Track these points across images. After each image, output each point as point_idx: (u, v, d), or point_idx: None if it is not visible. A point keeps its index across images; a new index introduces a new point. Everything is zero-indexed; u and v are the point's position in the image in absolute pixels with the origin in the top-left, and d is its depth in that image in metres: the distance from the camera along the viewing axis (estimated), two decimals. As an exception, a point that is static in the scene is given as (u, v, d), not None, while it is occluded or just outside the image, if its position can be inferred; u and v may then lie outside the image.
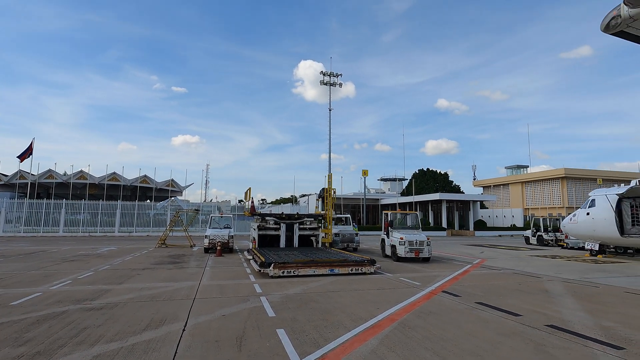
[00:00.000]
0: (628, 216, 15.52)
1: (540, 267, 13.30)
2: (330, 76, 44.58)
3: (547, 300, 7.69)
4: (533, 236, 26.12)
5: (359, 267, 11.00)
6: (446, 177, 56.79)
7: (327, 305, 7.04)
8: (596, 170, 53.34)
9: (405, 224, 16.66)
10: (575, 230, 18.19)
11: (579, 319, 6.22)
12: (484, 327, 5.70)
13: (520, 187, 57.93)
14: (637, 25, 4.53)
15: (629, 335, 5.32)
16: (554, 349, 4.76)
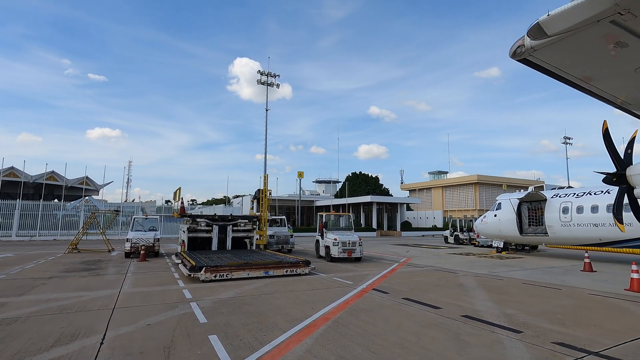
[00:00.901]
0: (526, 217, 17.98)
1: (456, 263, 14.72)
2: (268, 76, 44.14)
3: (462, 293, 8.55)
4: (451, 236, 28.82)
5: (294, 269, 11.06)
6: (377, 181, 59.88)
7: (262, 307, 6.95)
8: (502, 177, 60.82)
9: (338, 226, 17.18)
10: (485, 230, 20.51)
11: (488, 308, 7.03)
12: (409, 320, 6.14)
13: (440, 191, 63.55)
14: (537, 55, 5.30)
15: (526, 320, 6.17)
16: (467, 336, 5.32)
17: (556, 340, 5.13)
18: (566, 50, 5.21)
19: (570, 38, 4.76)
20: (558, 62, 5.64)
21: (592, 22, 4.14)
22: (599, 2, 3.82)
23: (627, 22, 4.18)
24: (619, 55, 5.31)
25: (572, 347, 4.86)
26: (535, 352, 4.68)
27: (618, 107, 7.81)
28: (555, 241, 17.00)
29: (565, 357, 4.53)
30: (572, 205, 15.92)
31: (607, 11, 3.91)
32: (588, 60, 5.65)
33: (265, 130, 43.17)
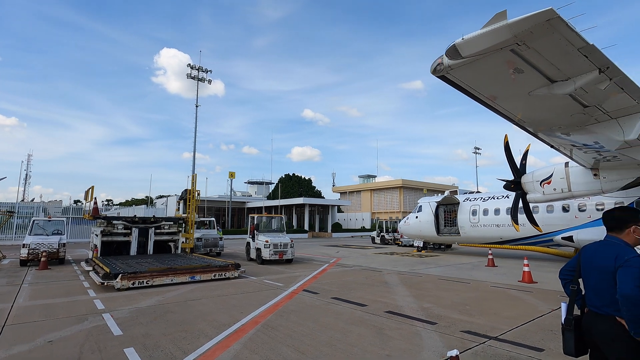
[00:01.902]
0: (442, 219, 19.82)
1: (382, 262, 15.61)
2: (199, 71, 41.99)
3: (386, 290, 9.10)
4: (377, 236, 30.46)
5: (223, 272, 10.68)
6: (310, 183, 60.75)
7: (186, 315, 6.58)
8: (423, 182, 66.17)
9: (270, 227, 17.03)
10: (408, 231, 22.11)
11: (408, 303, 7.59)
12: (337, 319, 6.35)
13: (369, 193, 66.81)
14: (453, 73, 5.92)
15: (440, 313, 6.80)
16: (390, 330, 5.68)
17: (464, 329, 5.74)
18: (477, 71, 5.91)
19: (480, 61, 5.41)
20: (470, 81, 6.36)
21: (497, 49, 4.77)
22: (501, 32, 4.42)
23: (523, 52, 4.90)
24: (517, 80, 6.18)
25: (476, 334, 5.49)
26: (447, 340, 5.18)
27: (516, 124, 9.08)
28: (466, 240, 19.01)
29: (471, 343, 5.10)
30: (480, 208, 17.99)
31: (508, 41, 4.55)
32: (494, 82, 6.47)
33: (194, 127, 40.97)
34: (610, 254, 2.61)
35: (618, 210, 2.87)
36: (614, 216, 2.80)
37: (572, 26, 4.27)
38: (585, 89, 5.86)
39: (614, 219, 2.79)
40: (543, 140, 9.98)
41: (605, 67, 5.21)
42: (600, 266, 2.66)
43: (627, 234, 2.69)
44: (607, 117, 7.23)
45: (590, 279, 2.73)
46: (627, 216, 2.73)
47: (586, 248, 2.89)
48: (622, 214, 2.79)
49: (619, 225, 2.74)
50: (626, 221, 2.71)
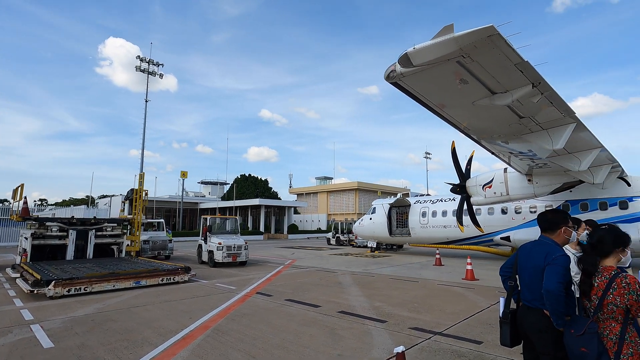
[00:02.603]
0: (395, 220, 20.56)
1: (336, 263, 15.83)
2: (149, 63, 39.78)
3: (340, 290, 9.23)
4: (332, 237, 30.84)
5: (172, 276, 10.18)
6: (266, 184, 59.98)
7: (129, 323, 6.17)
8: (378, 184, 68.17)
9: (224, 229, 16.55)
10: (362, 232, 22.64)
11: (360, 303, 7.76)
12: (290, 321, 6.32)
13: (326, 195, 67.50)
14: (405, 81, 6.20)
15: (390, 311, 7.04)
16: (342, 330, 5.77)
17: (412, 326, 5.99)
18: (427, 80, 6.22)
19: (430, 70, 5.71)
20: (420, 89, 6.69)
21: (444, 60, 5.07)
22: (448, 45, 4.71)
23: (468, 64, 5.26)
24: (463, 90, 6.61)
25: (423, 330, 5.75)
26: (396, 337, 5.37)
27: (462, 132, 9.69)
28: (417, 240, 19.88)
29: (418, 339, 5.33)
30: (429, 210, 18.92)
31: (454, 53, 4.86)
32: (442, 91, 6.86)
33: (144, 123, 38.72)
34: (542, 253, 2.86)
35: (550, 213, 3.14)
36: (547, 218, 3.07)
37: (509, 43, 4.66)
38: (520, 102, 6.42)
39: (547, 221, 3.05)
40: (485, 147, 10.75)
41: (537, 82, 5.75)
42: (533, 264, 2.90)
43: (558, 235, 2.97)
44: (539, 127, 7.98)
45: (525, 275, 2.98)
46: (558, 218, 3.02)
47: (522, 247, 3.14)
48: (554, 216, 3.06)
49: (551, 226, 3.01)
50: (557, 223, 2.99)
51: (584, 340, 2.48)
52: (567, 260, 2.77)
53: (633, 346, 2.35)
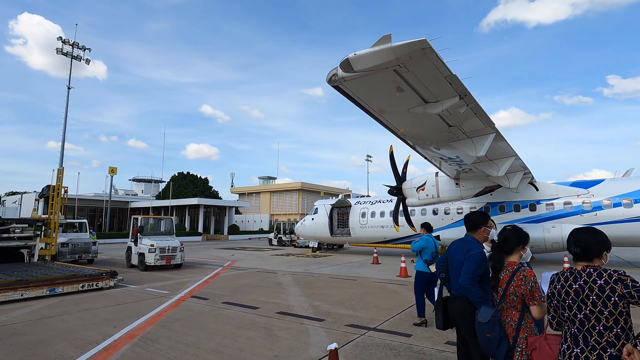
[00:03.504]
0: (336, 221, 21.04)
1: (277, 264, 15.73)
2: (73, 46, 35.84)
3: (279, 291, 9.19)
4: (275, 238, 30.61)
5: (94, 282, 9.29)
6: (206, 182, 57.55)
7: (41, 335, 5.50)
8: (321, 185, 69.19)
9: (158, 230, 15.54)
10: (304, 232, 22.80)
11: (300, 303, 7.81)
12: (227, 324, 6.14)
13: (269, 195, 66.76)
14: (347, 85, 6.39)
15: (328, 310, 7.18)
16: (280, 331, 5.75)
17: (349, 323, 6.18)
18: (367, 85, 6.48)
19: (370, 76, 5.95)
20: (361, 94, 6.94)
21: (383, 68, 5.33)
22: (386, 53, 4.96)
23: (404, 73, 5.59)
24: (400, 98, 7.00)
25: (358, 327, 5.96)
26: (333, 335, 5.50)
27: (399, 138, 10.25)
28: (356, 240, 20.55)
29: (353, 335, 5.52)
30: (368, 211, 19.68)
31: (392, 62, 5.13)
32: (381, 97, 7.19)
33: (65, 112, 34.75)
34: (464, 249, 3.31)
35: (474, 214, 3.62)
36: (470, 219, 3.56)
37: (440, 56, 5.04)
38: (449, 111, 6.98)
39: (470, 222, 3.54)
40: (419, 152, 11.50)
41: (464, 95, 6.30)
42: (458, 258, 3.35)
43: (479, 233, 3.45)
44: (465, 136, 8.74)
45: (453, 268, 3.44)
46: (479, 219, 3.50)
47: (452, 244, 3.62)
48: (476, 217, 3.55)
49: (474, 226, 3.50)
50: (478, 223, 3.49)
51: (489, 327, 2.81)
52: (481, 256, 3.16)
53: (527, 331, 2.71)
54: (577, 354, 2.09)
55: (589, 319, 2.06)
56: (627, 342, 1.99)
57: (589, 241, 2.22)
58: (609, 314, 2.01)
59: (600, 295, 2.03)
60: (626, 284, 2.00)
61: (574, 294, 2.14)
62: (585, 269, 2.16)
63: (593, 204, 13.80)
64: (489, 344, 2.81)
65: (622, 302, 2.00)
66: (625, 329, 2.02)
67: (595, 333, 2.04)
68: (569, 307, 2.16)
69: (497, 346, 2.75)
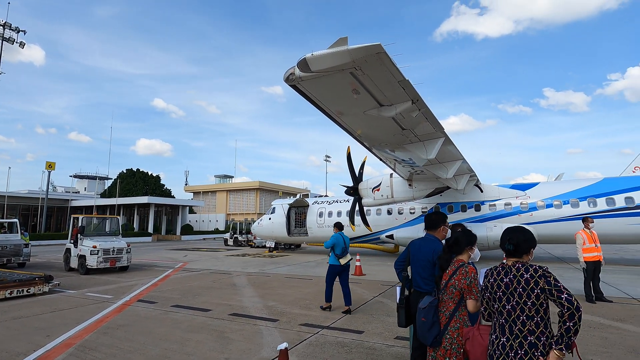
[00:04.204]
0: (293, 220, 21.00)
1: (232, 264, 15.37)
2: (4, 27, 32.40)
3: (233, 292, 8.99)
4: (230, 238, 29.87)
5: (25, 288, 8.46)
6: (158, 180, 54.71)
7: (-45, 349, 4.90)
8: (279, 184, 68.70)
9: (103, 230, 14.51)
10: (261, 232, 22.50)
11: (254, 303, 7.69)
12: (175, 328, 5.88)
13: (225, 194, 65.03)
14: (304, 85, 6.40)
15: (283, 310, 7.15)
16: (232, 333, 5.62)
17: (303, 322, 6.20)
18: (324, 86, 6.54)
19: (327, 77, 6.01)
20: (319, 95, 6.99)
21: (339, 70, 5.42)
22: (342, 55, 5.04)
23: (360, 76, 5.71)
24: (357, 100, 7.15)
25: (312, 326, 6.00)
26: (286, 335, 5.48)
27: (356, 139, 10.47)
28: (314, 240, 20.66)
29: (307, 334, 5.54)
30: (325, 210, 19.88)
31: (348, 64, 5.22)
32: (339, 99, 7.29)
33: (-6, 100, 31.25)
34: (430, 248, 3.53)
35: (434, 214, 3.83)
36: (431, 219, 3.78)
37: (394, 62, 5.22)
38: (403, 115, 7.26)
39: (431, 221, 3.76)
40: (375, 154, 11.83)
41: (416, 99, 6.58)
42: (424, 257, 3.53)
43: (439, 232, 3.69)
44: (417, 139, 9.14)
45: (417, 266, 3.60)
46: (439, 219, 3.74)
47: (412, 243, 3.77)
48: (436, 217, 3.78)
49: (434, 225, 3.72)
50: (438, 222, 3.72)
51: (425, 311, 3.04)
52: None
53: (460, 321, 2.92)
54: (504, 342, 2.28)
55: (515, 310, 2.26)
56: (545, 330, 2.20)
57: (520, 239, 2.42)
58: (531, 304, 2.21)
59: (525, 288, 2.23)
60: (548, 280, 2.21)
61: (504, 287, 2.33)
62: (515, 264, 2.37)
63: (529, 205, 15.06)
64: (422, 327, 3.02)
65: (543, 295, 2.21)
66: (545, 319, 2.24)
67: (519, 322, 2.24)
68: (499, 299, 2.35)
69: (428, 330, 2.97)
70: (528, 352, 2.17)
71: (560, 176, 22.28)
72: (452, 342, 2.87)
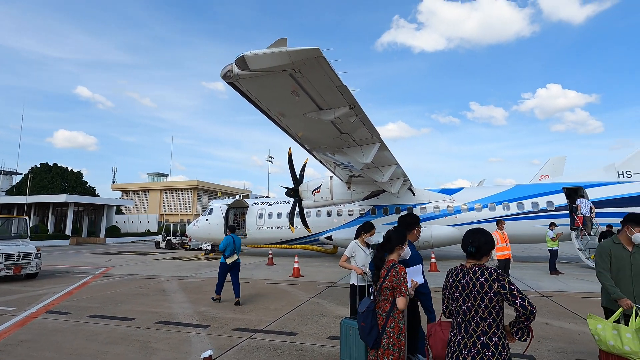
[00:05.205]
0: (232, 222, 20.36)
1: (163, 269, 14.43)
2: None
3: (162, 299, 8.43)
4: (163, 240, 28.01)
5: None
6: (80, 177, 49.40)
7: None
8: (219, 184, 66.25)
9: (7, 233, 12.66)
10: (197, 234, 21.46)
11: (184, 309, 7.29)
12: (91, 341, 5.34)
13: (159, 194, 60.91)
14: (243, 83, 6.24)
15: (215, 315, 6.87)
16: (157, 342, 5.26)
17: (235, 327, 6.02)
18: (264, 86, 6.45)
19: (267, 77, 5.93)
20: (258, 95, 6.87)
21: (279, 71, 5.39)
22: (281, 56, 5.02)
23: (299, 79, 5.73)
24: (298, 102, 7.17)
25: (245, 330, 5.86)
26: (217, 341, 5.28)
27: (297, 142, 10.49)
28: (253, 241, 20.25)
29: (238, 339, 5.39)
30: (265, 211, 19.62)
31: (287, 66, 5.21)
32: (279, 100, 7.23)
33: None
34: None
35: (408, 216, 3.96)
36: (406, 221, 3.87)
37: (332, 67, 5.34)
38: (341, 120, 7.45)
39: (405, 223, 3.85)
40: (316, 157, 11.97)
41: (353, 105, 6.80)
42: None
43: (412, 234, 3.80)
44: (355, 144, 9.44)
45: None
46: (413, 221, 3.87)
47: None
48: (410, 219, 3.90)
49: (408, 227, 3.80)
50: (412, 224, 3.83)
51: (363, 316, 3.12)
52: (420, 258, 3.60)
53: (395, 320, 3.04)
54: (459, 340, 2.42)
55: (470, 311, 2.39)
56: (497, 331, 2.35)
57: (481, 241, 2.53)
58: (484, 307, 2.34)
59: (480, 291, 2.36)
60: (503, 284, 2.34)
61: (461, 288, 2.46)
62: (472, 267, 2.49)
63: (455, 208, 16.41)
64: (362, 331, 3.10)
65: (497, 298, 2.35)
66: (497, 320, 2.37)
67: (474, 323, 2.37)
68: (456, 300, 2.48)
69: (368, 334, 3.04)
70: (480, 352, 2.31)
71: (482, 182, 24.70)
72: (389, 341, 2.96)
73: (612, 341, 3.26)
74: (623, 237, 3.78)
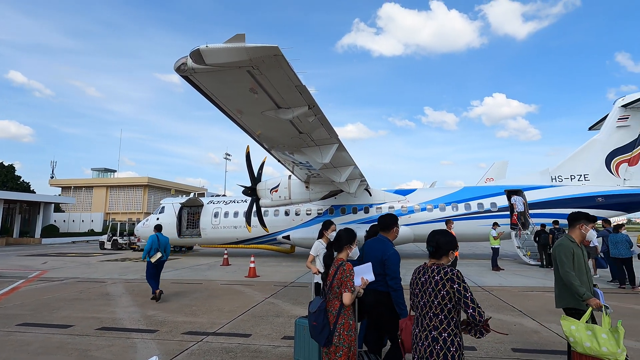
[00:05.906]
0: (185, 221, 19.56)
1: (108, 271, 13.49)
2: None
3: (105, 303, 7.88)
4: (108, 241, 26.16)
5: None
6: (12, 171, 44.77)
7: None
8: (173, 182, 63.24)
9: None
10: (146, 234, 20.22)
11: (130, 314, 6.87)
12: (20, 352, 4.86)
13: (105, 190, 56.84)
14: (198, 77, 6.01)
15: (164, 319, 6.55)
16: (97, 350, 4.90)
17: (186, 330, 5.78)
18: (221, 82, 6.25)
19: (224, 73, 5.75)
20: (215, 90, 6.64)
21: (235, 67, 5.26)
22: (238, 52, 4.90)
23: (257, 76, 5.63)
24: (256, 99, 7.04)
25: (196, 333, 5.65)
26: (165, 346, 5.03)
27: (255, 140, 10.30)
28: (208, 241, 19.58)
29: (189, 343, 5.18)
30: (221, 211, 19.08)
31: (245, 62, 5.10)
32: (236, 96, 7.05)
33: None
34: (380, 249, 3.68)
35: (387, 216, 3.97)
36: (384, 221, 3.90)
37: (291, 66, 5.31)
38: (300, 119, 7.44)
39: (384, 223, 3.89)
40: (274, 156, 11.86)
41: (312, 105, 6.82)
42: (374, 256, 3.66)
43: (391, 233, 3.83)
44: (314, 143, 9.48)
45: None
46: (391, 221, 3.87)
47: (367, 243, 3.93)
48: (389, 219, 3.91)
49: (387, 226, 3.85)
50: (391, 224, 3.85)
51: (315, 315, 3.13)
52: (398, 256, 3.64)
53: (345, 317, 3.09)
54: (417, 333, 2.60)
55: (425, 306, 2.55)
56: (447, 327, 2.47)
57: (440, 241, 2.66)
58: (437, 304, 2.49)
59: (434, 289, 2.51)
60: (458, 288, 2.45)
61: (421, 284, 2.62)
62: (431, 266, 2.64)
63: (408, 209, 17.08)
64: (314, 330, 3.12)
65: (448, 297, 2.47)
66: (448, 317, 2.49)
67: (427, 318, 2.53)
68: (416, 295, 2.65)
69: (320, 333, 3.07)
70: (430, 345, 2.47)
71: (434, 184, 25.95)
72: (340, 338, 3.02)
73: (589, 342, 3.13)
74: (576, 235, 3.71)
